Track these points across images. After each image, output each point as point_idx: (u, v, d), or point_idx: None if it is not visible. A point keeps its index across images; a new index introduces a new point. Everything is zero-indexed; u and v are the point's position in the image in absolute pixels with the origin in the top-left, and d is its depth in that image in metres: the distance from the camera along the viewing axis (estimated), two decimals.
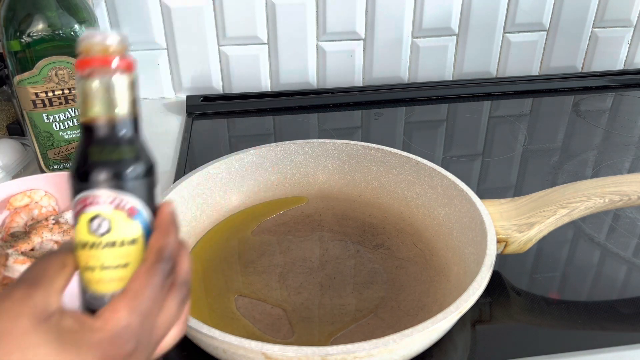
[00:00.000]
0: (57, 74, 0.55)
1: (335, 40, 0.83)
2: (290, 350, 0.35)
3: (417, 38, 0.85)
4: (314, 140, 0.59)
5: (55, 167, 0.60)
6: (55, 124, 0.57)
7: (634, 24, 0.90)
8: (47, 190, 0.53)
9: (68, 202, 0.53)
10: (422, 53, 0.86)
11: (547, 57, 0.90)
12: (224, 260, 0.50)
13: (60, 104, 0.57)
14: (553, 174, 0.65)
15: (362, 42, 0.84)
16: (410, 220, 0.54)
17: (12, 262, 0.44)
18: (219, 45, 0.82)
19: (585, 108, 0.82)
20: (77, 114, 0.58)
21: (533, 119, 0.79)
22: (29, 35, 0.53)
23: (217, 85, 0.85)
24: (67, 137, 0.59)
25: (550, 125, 0.77)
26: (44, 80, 0.55)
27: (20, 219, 0.51)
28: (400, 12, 0.82)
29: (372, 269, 0.49)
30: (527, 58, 0.90)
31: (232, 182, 0.56)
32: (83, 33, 0.27)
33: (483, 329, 0.44)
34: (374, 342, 0.35)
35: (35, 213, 0.51)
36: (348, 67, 0.86)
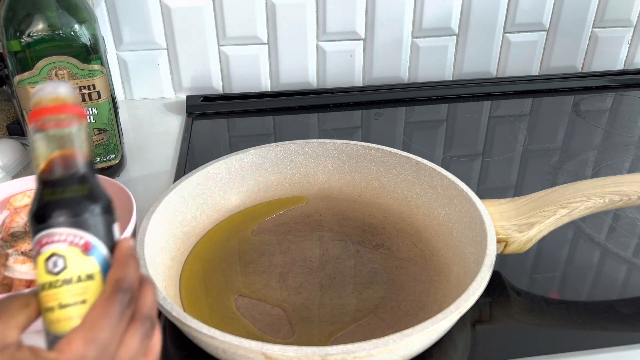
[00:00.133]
0: (57, 74, 0.55)
1: (335, 40, 0.83)
2: (290, 350, 0.35)
3: (417, 38, 0.85)
4: (314, 140, 0.59)
5: None
6: None
7: (634, 24, 0.90)
8: None
9: None
10: (422, 53, 0.86)
11: (547, 57, 0.91)
12: (224, 260, 0.50)
13: None
14: (553, 174, 0.65)
15: (362, 42, 0.84)
16: (410, 220, 0.54)
17: (12, 262, 0.44)
18: (219, 45, 0.82)
19: (585, 108, 0.82)
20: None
21: (533, 119, 0.79)
22: (29, 35, 0.53)
23: (217, 85, 0.85)
24: None
25: (550, 125, 0.77)
26: (44, 80, 0.55)
27: (20, 219, 0.51)
28: (400, 12, 0.82)
29: (372, 269, 0.49)
30: (527, 58, 0.90)
31: (232, 182, 0.56)
32: (35, 87, 0.28)
33: (483, 329, 0.44)
34: (374, 342, 0.35)
35: None
36: (348, 67, 0.86)
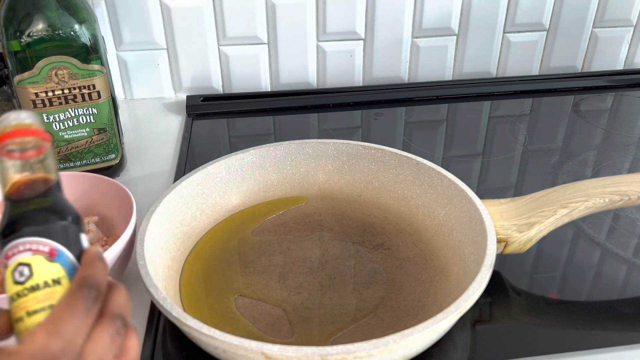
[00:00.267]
0: (57, 74, 0.55)
1: (335, 40, 0.83)
2: (290, 350, 0.35)
3: (417, 38, 0.85)
4: (314, 140, 0.59)
5: None
6: (55, 124, 0.57)
7: (634, 24, 0.90)
8: None
9: None
10: (422, 53, 0.86)
11: (547, 57, 0.91)
12: (224, 260, 0.50)
13: (60, 104, 0.57)
14: (553, 174, 0.65)
15: (362, 42, 0.84)
16: (410, 220, 0.54)
17: None
18: (219, 45, 0.82)
19: (585, 108, 0.82)
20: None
21: (533, 119, 0.79)
22: (29, 35, 0.53)
23: (217, 85, 0.85)
24: (67, 137, 0.59)
25: (550, 125, 0.77)
26: (44, 80, 0.55)
27: None
28: (400, 12, 0.82)
29: (372, 269, 0.49)
30: (527, 58, 0.90)
31: (232, 182, 0.56)
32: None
33: (483, 329, 0.44)
34: (374, 342, 0.35)
35: None
36: (348, 67, 0.86)
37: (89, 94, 0.57)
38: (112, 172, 0.63)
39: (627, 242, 0.54)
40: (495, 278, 0.49)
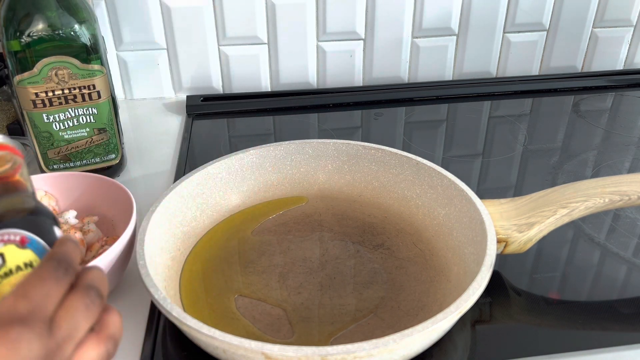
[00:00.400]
0: (57, 74, 0.55)
1: (335, 40, 0.83)
2: (290, 350, 0.35)
3: (417, 38, 0.85)
4: (314, 140, 0.59)
5: (55, 167, 0.60)
6: (55, 124, 0.57)
7: (634, 24, 0.90)
8: (47, 190, 0.53)
9: (68, 202, 0.53)
10: (422, 53, 0.86)
11: (547, 57, 0.91)
12: (224, 260, 0.50)
13: (60, 104, 0.57)
14: (553, 174, 0.65)
15: (362, 42, 0.84)
16: (410, 220, 0.54)
17: None
18: (219, 45, 0.82)
19: (585, 108, 0.82)
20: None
21: (533, 119, 0.79)
22: (29, 35, 0.53)
23: (217, 85, 0.85)
24: (67, 137, 0.59)
25: (550, 125, 0.77)
26: (44, 80, 0.55)
27: None
28: (400, 12, 0.82)
29: (372, 269, 0.49)
30: (527, 58, 0.90)
31: (232, 182, 0.56)
32: None
33: (483, 329, 0.44)
34: (374, 342, 0.35)
35: None
36: (348, 67, 0.86)
37: (89, 94, 0.57)
38: (112, 172, 0.63)
39: (627, 242, 0.54)
40: (495, 278, 0.49)
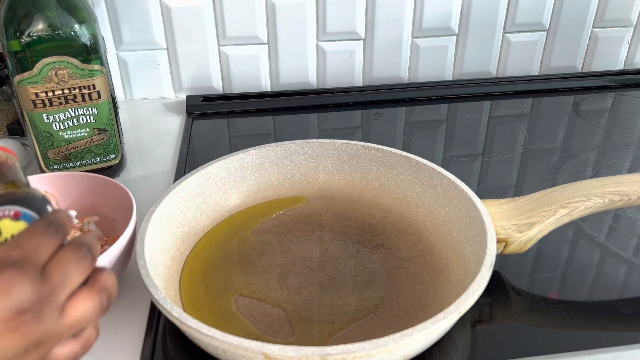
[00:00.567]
0: (57, 74, 0.55)
1: (335, 40, 0.83)
2: (290, 350, 0.35)
3: (417, 38, 0.85)
4: (314, 140, 0.59)
5: (55, 167, 0.60)
6: (55, 124, 0.57)
7: (634, 24, 0.90)
8: (47, 190, 0.52)
9: (68, 202, 0.53)
10: (422, 53, 0.86)
11: (547, 57, 0.91)
12: (224, 260, 0.50)
13: (60, 104, 0.57)
14: (553, 174, 0.65)
15: (362, 42, 0.84)
16: (410, 220, 0.54)
17: None
18: (219, 45, 0.82)
19: (585, 108, 0.82)
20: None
21: (533, 119, 0.79)
22: (29, 35, 0.53)
23: (217, 85, 0.85)
24: (67, 137, 0.59)
25: (550, 125, 0.77)
26: (44, 80, 0.55)
27: None
28: (400, 12, 0.82)
29: (372, 269, 0.49)
30: (527, 58, 0.90)
31: (232, 182, 0.56)
32: None
33: (483, 329, 0.44)
34: (374, 342, 0.35)
35: None
36: (348, 67, 0.86)
37: (89, 94, 0.57)
38: (112, 172, 0.63)
39: (627, 242, 0.54)
40: (495, 278, 0.49)
